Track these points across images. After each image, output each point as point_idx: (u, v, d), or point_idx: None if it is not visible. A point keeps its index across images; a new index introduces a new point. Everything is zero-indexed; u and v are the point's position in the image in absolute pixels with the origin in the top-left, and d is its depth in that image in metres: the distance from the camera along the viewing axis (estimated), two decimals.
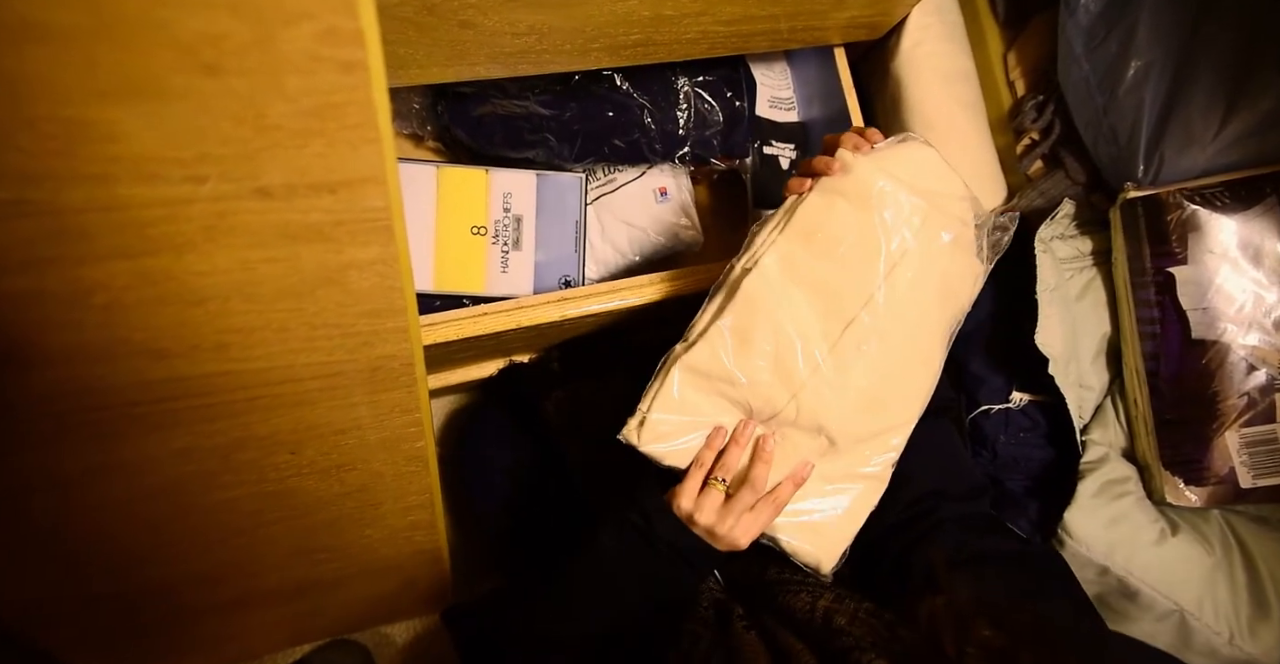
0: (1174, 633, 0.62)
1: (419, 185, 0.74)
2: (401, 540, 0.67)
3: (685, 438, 0.50)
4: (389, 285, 0.40)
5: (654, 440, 0.50)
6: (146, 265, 0.34)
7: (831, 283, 0.50)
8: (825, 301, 0.50)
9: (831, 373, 0.49)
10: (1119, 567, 0.61)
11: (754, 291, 0.49)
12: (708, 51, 0.71)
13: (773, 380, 0.49)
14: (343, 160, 0.33)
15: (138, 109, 0.28)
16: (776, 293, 0.49)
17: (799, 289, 0.50)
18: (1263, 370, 0.62)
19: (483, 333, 0.63)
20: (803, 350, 0.49)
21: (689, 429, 0.50)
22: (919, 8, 0.77)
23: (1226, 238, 0.62)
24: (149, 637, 0.68)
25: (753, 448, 0.50)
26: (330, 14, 0.28)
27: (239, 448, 0.47)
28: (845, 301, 0.50)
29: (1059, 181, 0.74)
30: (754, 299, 0.49)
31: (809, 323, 0.50)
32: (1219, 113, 0.62)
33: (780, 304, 0.49)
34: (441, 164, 0.76)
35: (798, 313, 0.50)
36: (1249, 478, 0.62)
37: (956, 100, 0.79)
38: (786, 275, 0.50)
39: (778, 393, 0.49)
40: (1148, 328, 0.65)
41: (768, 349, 0.49)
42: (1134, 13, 0.66)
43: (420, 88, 0.78)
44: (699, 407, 0.50)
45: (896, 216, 0.49)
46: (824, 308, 0.50)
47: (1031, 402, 0.70)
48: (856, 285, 0.49)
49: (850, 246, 0.49)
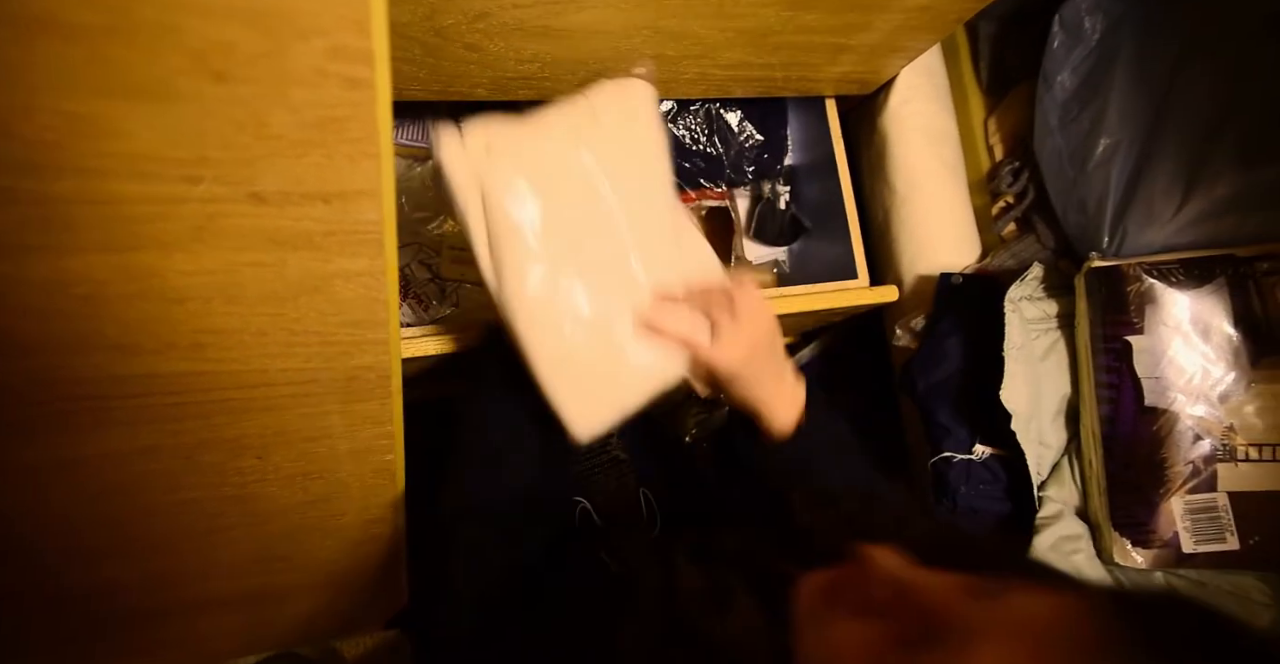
0: None
1: None
2: (361, 553, 0.66)
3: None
4: (373, 297, 0.40)
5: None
6: (131, 260, 0.34)
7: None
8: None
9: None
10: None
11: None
12: (704, 92, 0.74)
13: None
14: (340, 172, 0.33)
15: (141, 108, 0.29)
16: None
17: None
18: (1207, 441, 0.64)
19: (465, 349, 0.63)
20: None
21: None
22: (909, 68, 0.80)
23: (1180, 312, 0.65)
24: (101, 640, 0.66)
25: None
26: (342, 32, 0.28)
27: (204, 449, 0.46)
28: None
29: (1030, 245, 0.77)
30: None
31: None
32: (1178, 194, 0.66)
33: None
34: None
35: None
36: (1191, 543, 0.63)
37: (939, 159, 0.82)
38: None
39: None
40: (1105, 392, 0.67)
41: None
42: (1105, 94, 0.70)
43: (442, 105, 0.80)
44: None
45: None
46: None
47: (993, 455, 0.71)
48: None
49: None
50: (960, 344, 0.74)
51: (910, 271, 0.81)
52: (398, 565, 0.70)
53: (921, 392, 0.74)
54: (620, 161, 0.50)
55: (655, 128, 0.53)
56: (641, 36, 0.58)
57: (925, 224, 0.81)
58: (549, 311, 0.48)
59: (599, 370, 0.50)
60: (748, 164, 0.87)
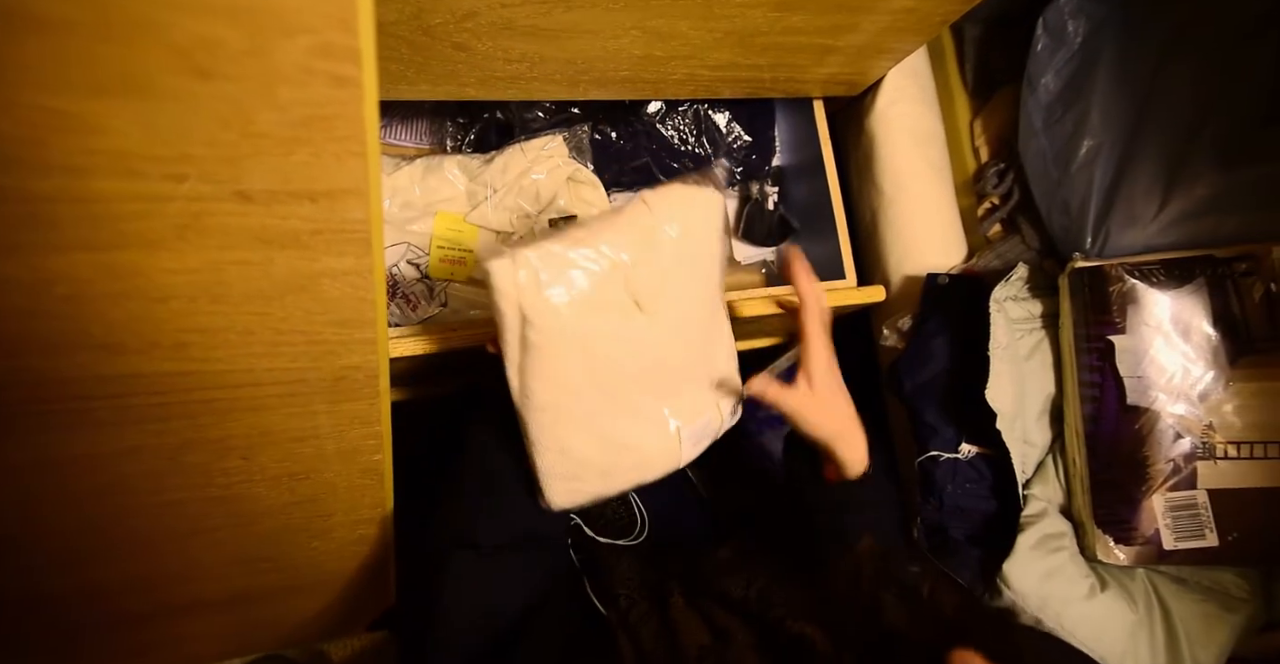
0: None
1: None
2: (348, 554, 0.65)
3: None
4: (360, 296, 0.40)
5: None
6: (114, 259, 0.33)
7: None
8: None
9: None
10: (1051, 619, 0.63)
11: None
12: (692, 93, 0.74)
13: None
14: (326, 171, 0.33)
15: (124, 105, 0.28)
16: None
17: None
18: (1187, 439, 0.65)
19: (450, 350, 0.63)
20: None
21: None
22: (896, 70, 0.81)
23: (1161, 312, 0.66)
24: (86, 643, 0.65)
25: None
26: (329, 30, 0.28)
27: (189, 450, 0.46)
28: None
29: (1015, 246, 0.78)
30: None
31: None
32: (1159, 196, 0.67)
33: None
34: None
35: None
36: (1171, 540, 0.64)
37: (925, 160, 0.83)
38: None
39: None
40: (1089, 391, 0.68)
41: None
42: (1088, 96, 0.71)
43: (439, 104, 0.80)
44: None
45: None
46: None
47: (979, 455, 0.72)
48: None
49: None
50: (946, 344, 0.74)
51: (897, 272, 0.82)
52: (386, 566, 0.70)
53: (908, 391, 0.75)
54: (671, 282, 0.50)
55: (717, 242, 0.53)
56: (630, 37, 0.59)
57: (912, 225, 0.82)
58: (563, 416, 0.50)
59: (596, 466, 0.52)
60: (736, 165, 0.87)
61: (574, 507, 0.53)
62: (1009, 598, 0.65)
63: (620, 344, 0.49)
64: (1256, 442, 0.64)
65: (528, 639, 0.50)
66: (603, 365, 0.49)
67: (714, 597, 0.50)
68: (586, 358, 0.48)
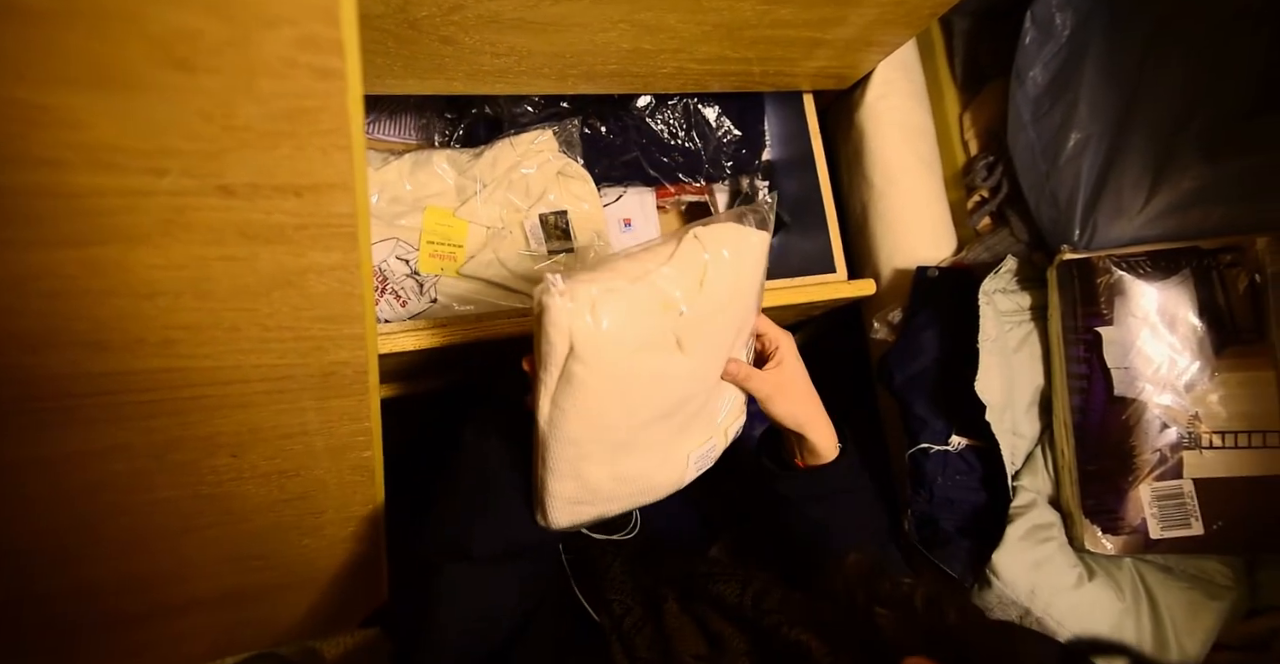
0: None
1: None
2: (340, 551, 0.65)
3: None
4: (348, 292, 0.40)
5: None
6: (96, 255, 0.33)
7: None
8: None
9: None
10: (1039, 608, 0.64)
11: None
12: (681, 87, 0.74)
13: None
14: (311, 165, 0.33)
15: (101, 98, 0.28)
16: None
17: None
18: (1174, 429, 0.65)
19: (440, 345, 0.63)
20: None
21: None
22: (885, 63, 0.81)
23: (1147, 303, 0.67)
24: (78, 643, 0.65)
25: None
26: (311, 21, 0.28)
27: (177, 447, 0.45)
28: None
29: (1004, 238, 0.78)
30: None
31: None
32: (1145, 188, 0.67)
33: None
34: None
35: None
36: (1158, 529, 0.65)
37: (915, 154, 0.83)
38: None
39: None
40: (1077, 382, 0.68)
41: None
42: (1076, 89, 0.71)
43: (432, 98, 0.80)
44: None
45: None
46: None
47: (969, 446, 0.72)
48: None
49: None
50: (936, 336, 0.75)
51: (888, 265, 0.82)
52: (378, 563, 0.70)
53: (899, 384, 0.75)
54: (714, 323, 0.50)
55: (759, 283, 0.53)
56: (618, 30, 0.58)
57: (902, 218, 0.82)
58: (588, 450, 0.49)
59: (605, 493, 0.52)
60: (726, 159, 0.87)
61: (573, 527, 0.54)
62: (998, 588, 0.65)
63: (658, 382, 0.48)
64: (1240, 431, 0.64)
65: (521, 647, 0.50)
66: (639, 404, 0.48)
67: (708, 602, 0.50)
68: (625, 396, 0.47)
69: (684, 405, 0.51)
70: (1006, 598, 0.65)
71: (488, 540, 0.52)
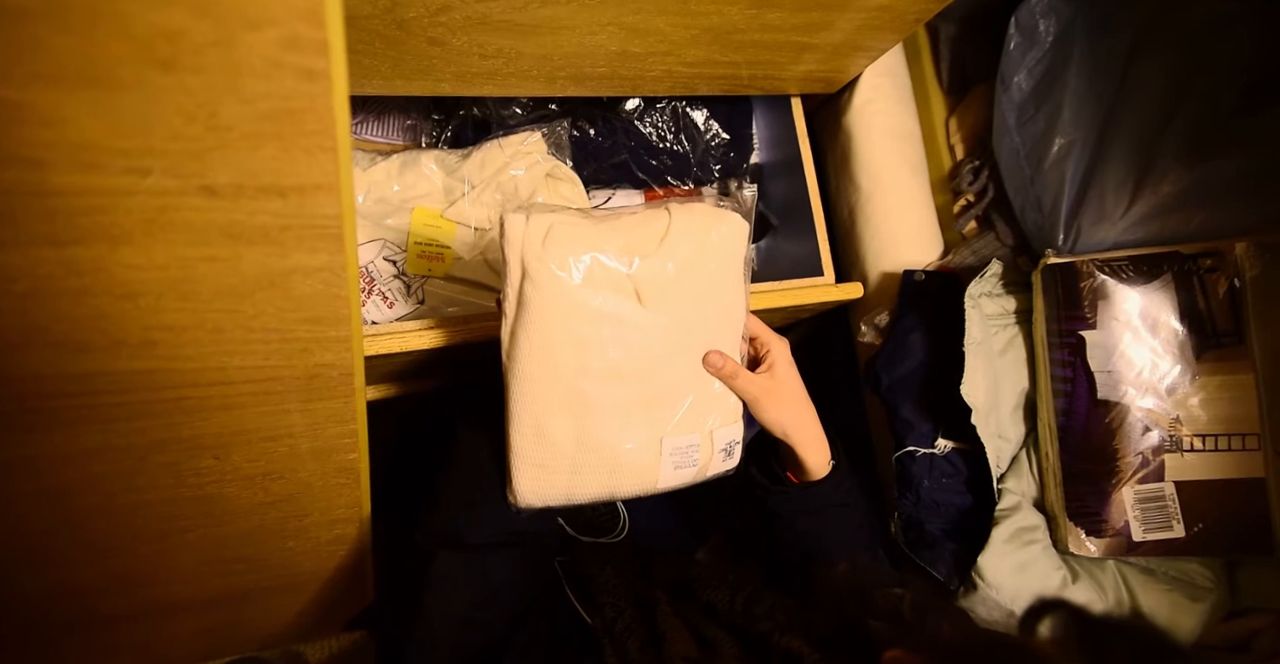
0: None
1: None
2: (325, 554, 0.65)
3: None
4: (334, 293, 0.39)
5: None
6: (75, 254, 0.32)
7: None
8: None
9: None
10: (1024, 611, 0.64)
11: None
12: (670, 90, 0.74)
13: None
14: (295, 166, 0.33)
15: (82, 96, 0.28)
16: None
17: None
18: (1155, 432, 0.66)
19: (428, 347, 0.62)
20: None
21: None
22: (872, 68, 0.81)
23: (1130, 307, 0.67)
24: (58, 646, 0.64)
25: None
26: (296, 22, 0.28)
27: (159, 450, 0.45)
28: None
29: (990, 242, 0.79)
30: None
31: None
32: (1128, 193, 0.68)
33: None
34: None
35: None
36: (1140, 532, 0.66)
37: (901, 158, 0.84)
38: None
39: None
40: (1061, 386, 0.69)
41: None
42: (1059, 94, 0.72)
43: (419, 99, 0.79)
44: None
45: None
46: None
47: (955, 449, 0.73)
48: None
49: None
50: (923, 340, 0.75)
51: (875, 268, 0.83)
52: (363, 566, 0.69)
53: (885, 387, 0.76)
54: (676, 288, 0.51)
55: (734, 266, 0.54)
56: (606, 33, 0.58)
57: (889, 222, 0.83)
58: (544, 390, 0.50)
59: (568, 458, 0.51)
60: (714, 162, 0.87)
61: (541, 504, 0.52)
62: (983, 591, 0.66)
63: (612, 327, 0.49)
64: (1220, 434, 0.65)
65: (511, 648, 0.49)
66: (594, 349, 0.49)
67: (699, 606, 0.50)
68: (576, 331, 0.49)
69: (650, 374, 0.51)
70: (991, 601, 0.65)
71: (482, 528, 0.51)
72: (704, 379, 0.54)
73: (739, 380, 0.54)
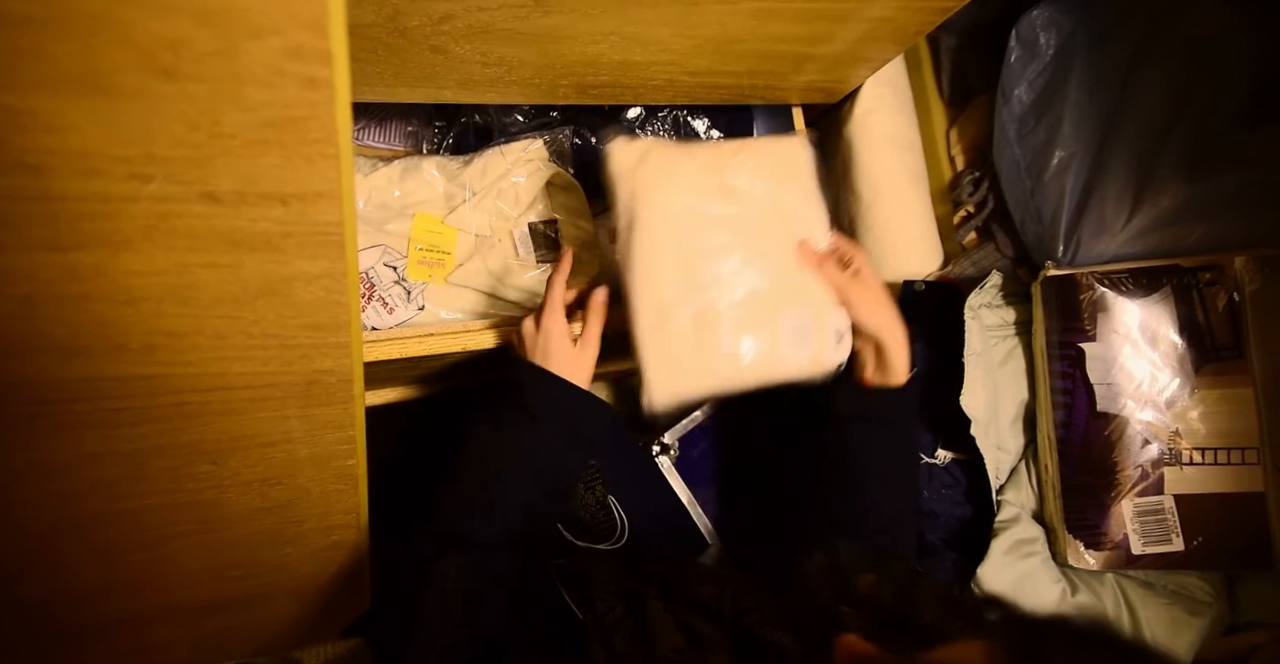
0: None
1: None
2: (322, 560, 0.65)
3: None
4: (334, 300, 0.39)
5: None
6: (76, 259, 0.33)
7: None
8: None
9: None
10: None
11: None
12: (672, 99, 0.74)
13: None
14: (297, 173, 0.33)
15: (84, 104, 0.28)
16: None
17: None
18: (1155, 445, 0.66)
19: (427, 354, 0.63)
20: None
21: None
22: (873, 79, 0.82)
23: (1129, 320, 0.67)
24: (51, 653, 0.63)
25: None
26: (298, 31, 0.28)
27: (157, 455, 0.45)
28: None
29: (990, 253, 0.79)
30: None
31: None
32: (1127, 206, 0.68)
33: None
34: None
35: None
36: (1139, 545, 0.66)
37: (903, 168, 0.84)
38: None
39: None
40: (1060, 398, 0.69)
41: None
42: (1060, 107, 0.72)
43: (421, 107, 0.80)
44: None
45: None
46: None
47: (955, 460, 0.73)
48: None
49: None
50: (922, 350, 0.75)
51: None
52: (360, 572, 0.69)
53: None
54: (758, 188, 0.60)
55: (806, 179, 0.62)
56: (609, 42, 0.59)
57: (889, 232, 0.83)
58: (661, 278, 0.57)
59: (688, 340, 0.56)
60: None
61: (673, 400, 0.57)
62: None
63: (711, 221, 0.58)
64: (1220, 447, 0.65)
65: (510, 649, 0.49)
66: (697, 236, 0.57)
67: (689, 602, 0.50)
68: (683, 226, 0.57)
69: (749, 262, 0.58)
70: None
71: (487, 528, 0.51)
72: (800, 271, 0.59)
73: (827, 268, 0.59)
